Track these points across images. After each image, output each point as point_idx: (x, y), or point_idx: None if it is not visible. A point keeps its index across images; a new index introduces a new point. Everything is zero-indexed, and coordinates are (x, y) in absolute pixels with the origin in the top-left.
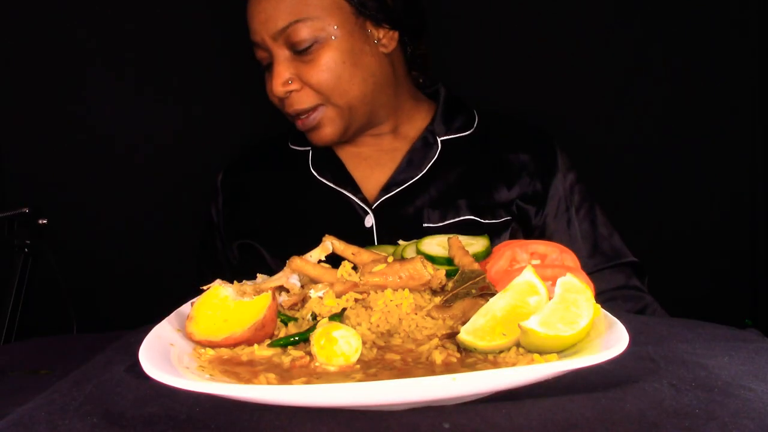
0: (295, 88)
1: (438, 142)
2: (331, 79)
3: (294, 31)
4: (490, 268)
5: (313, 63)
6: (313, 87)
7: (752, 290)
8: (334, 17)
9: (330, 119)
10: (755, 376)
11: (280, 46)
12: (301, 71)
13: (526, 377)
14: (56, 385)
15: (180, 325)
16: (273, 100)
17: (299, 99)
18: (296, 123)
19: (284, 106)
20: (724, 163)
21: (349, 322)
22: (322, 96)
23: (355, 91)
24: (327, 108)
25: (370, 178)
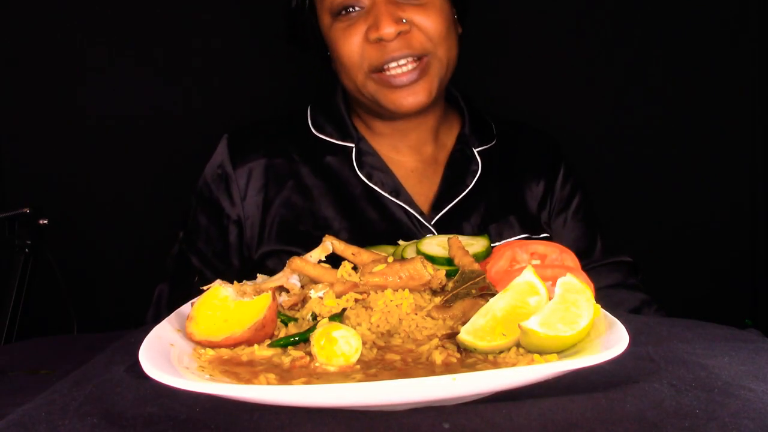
0: (406, 28)
1: (475, 155)
2: (443, 26)
3: None
4: (490, 269)
5: (426, 6)
6: (426, 30)
7: (752, 290)
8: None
9: (432, 77)
10: (755, 376)
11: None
12: (412, 14)
13: (526, 377)
14: (56, 385)
15: (180, 325)
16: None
17: (409, 41)
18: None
19: (385, 53)
20: (725, 163)
21: (349, 322)
22: (430, 44)
23: (454, 51)
24: (432, 60)
25: (419, 191)
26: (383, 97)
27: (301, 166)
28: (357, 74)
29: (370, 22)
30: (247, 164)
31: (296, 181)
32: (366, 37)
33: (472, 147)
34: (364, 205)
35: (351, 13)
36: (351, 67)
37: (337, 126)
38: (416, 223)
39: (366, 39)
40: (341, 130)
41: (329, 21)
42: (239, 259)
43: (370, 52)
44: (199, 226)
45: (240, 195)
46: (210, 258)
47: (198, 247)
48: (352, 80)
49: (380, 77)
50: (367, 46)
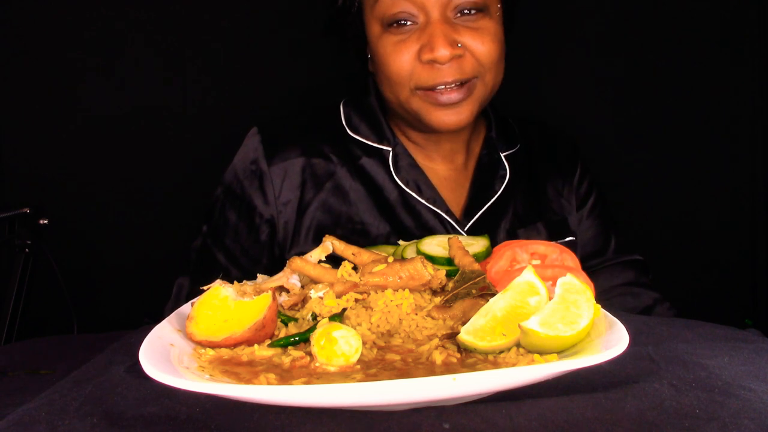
0: (460, 53)
1: (503, 159)
2: (496, 51)
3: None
4: (491, 269)
5: (481, 30)
6: (479, 56)
7: (752, 290)
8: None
9: (476, 99)
10: (755, 376)
11: (444, 4)
12: (466, 37)
13: (526, 377)
14: (56, 385)
15: (180, 326)
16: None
17: (461, 66)
18: (438, 95)
19: (437, 75)
20: (725, 163)
21: (350, 322)
22: (481, 68)
23: (501, 76)
24: (479, 83)
25: (451, 198)
26: (427, 114)
27: (339, 167)
28: (402, 90)
29: (424, 40)
30: (284, 162)
31: (334, 182)
32: (418, 56)
33: (500, 152)
34: (400, 210)
35: (404, 26)
36: (398, 83)
37: (374, 127)
38: (450, 231)
39: (418, 57)
40: (378, 133)
41: (379, 30)
42: (269, 259)
43: (421, 71)
44: (228, 223)
45: (275, 194)
46: (237, 256)
47: (225, 243)
48: (395, 94)
49: (426, 95)
50: (418, 64)
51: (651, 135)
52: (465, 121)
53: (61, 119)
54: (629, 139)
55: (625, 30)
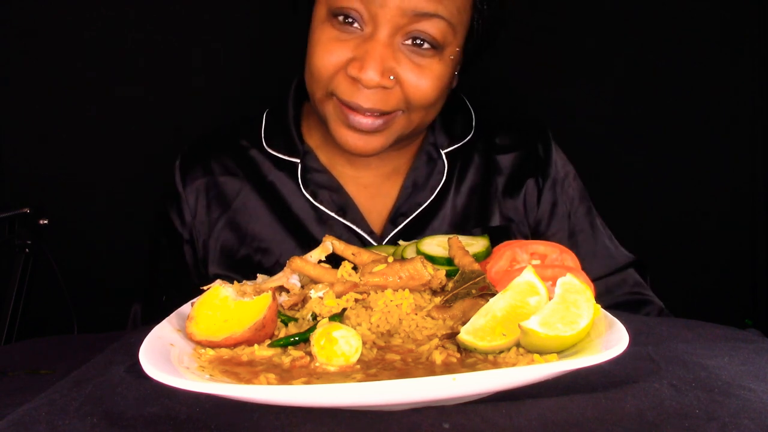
0: (390, 85)
1: (443, 157)
2: (433, 94)
3: (432, 25)
4: (490, 269)
5: (424, 69)
6: (411, 94)
7: (752, 290)
8: (462, 31)
9: (394, 130)
10: (755, 376)
11: (397, 25)
12: (405, 69)
13: (526, 377)
14: (56, 385)
15: (180, 326)
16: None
17: (385, 99)
18: (350, 115)
19: (354, 95)
20: (725, 163)
21: (349, 322)
22: (406, 106)
23: (431, 115)
24: (401, 117)
25: (372, 207)
26: (334, 126)
27: (246, 185)
28: (319, 89)
29: (359, 53)
30: (195, 183)
31: (241, 200)
32: (346, 63)
33: (440, 149)
34: (311, 225)
35: (348, 24)
36: (317, 80)
37: (285, 138)
38: (367, 244)
39: (345, 65)
40: (288, 144)
41: (323, 15)
42: (198, 278)
43: (342, 81)
44: (159, 246)
45: (191, 214)
46: (172, 277)
47: (161, 266)
48: (312, 89)
49: (341, 107)
50: (343, 72)
51: (651, 135)
52: (373, 151)
53: (61, 119)
54: (629, 139)
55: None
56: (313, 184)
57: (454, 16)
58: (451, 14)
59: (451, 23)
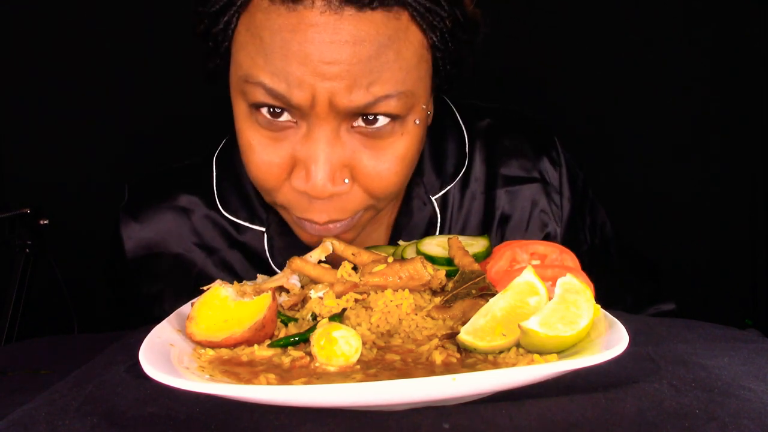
0: (345, 189)
1: (433, 203)
2: (399, 180)
3: (384, 105)
4: (490, 269)
5: (385, 152)
6: (374, 188)
7: (752, 290)
8: (425, 85)
9: (360, 224)
10: (755, 376)
11: (338, 119)
12: (360, 157)
13: (526, 377)
14: (56, 385)
15: (180, 326)
16: (264, 182)
17: (342, 205)
18: (307, 226)
19: (307, 210)
20: (725, 163)
21: (349, 322)
22: (372, 201)
23: (402, 187)
24: (365, 213)
25: None
26: (297, 232)
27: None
28: (268, 197)
29: (301, 155)
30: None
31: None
32: (289, 170)
33: (429, 194)
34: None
35: (276, 116)
36: (261, 189)
37: (243, 201)
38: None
39: (288, 171)
40: (248, 209)
41: (244, 108)
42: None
43: (289, 193)
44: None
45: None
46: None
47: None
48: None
49: (296, 219)
50: (288, 183)
51: (650, 135)
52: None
53: (61, 119)
54: (628, 140)
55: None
56: (280, 252)
57: (407, 82)
58: (403, 83)
59: (406, 91)
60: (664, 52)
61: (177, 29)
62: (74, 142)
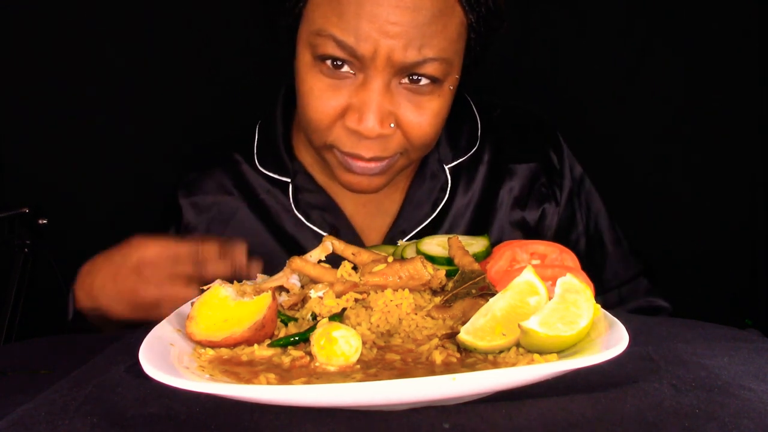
0: (391, 133)
1: (446, 172)
2: (433, 132)
3: (429, 67)
4: (490, 268)
5: (424, 108)
6: (412, 136)
7: (752, 290)
8: (460, 58)
9: (394, 170)
10: (755, 376)
11: (391, 74)
12: (405, 110)
13: (526, 377)
14: (56, 385)
15: (180, 325)
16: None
17: (385, 145)
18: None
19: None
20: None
21: (349, 322)
22: (408, 146)
23: (431, 147)
24: (400, 158)
25: (371, 224)
26: (337, 171)
27: (241, 205)
28: (317, 139)
29: (355, 102)
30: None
31: (237, 221)
32: (343, 112)
33: (443, 163)
34: (307, 243)
35: (338, 68)
36: (314, 129)
37: (275, 157)
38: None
39: (342, 114)
40: (278, 163)
41: (309, 59)
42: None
43: (341, 132)
44: None
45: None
46: None
47: None
48: (309, 137)
49: (342, 157)
50: (340, 124)
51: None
52: (376, 189)
53: (61, 119)
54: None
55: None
56: (305, 204)
57: (448, 51)
58: (445, 50)
59: (447, 59)
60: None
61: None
62: (74, 142)
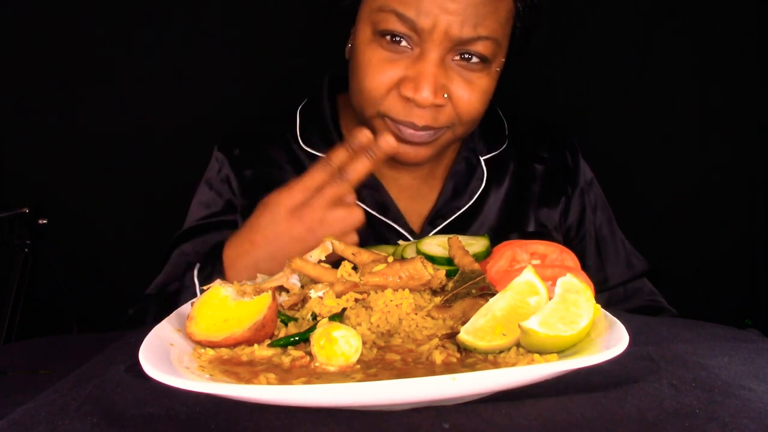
0: (443, 103)
1: (482, 164)
2: (481, 108)
3: (480, 45)
4: (490, 268)
5: (474, 84)
6: (461, 111)
7: (752, 290)
8: (506, 42)
9: (439, 145)
10: (755, 376)
11: (446, 48)
12: (456, 85)
13: (526, 377)
14: (56, 385)
15: (180, 325)
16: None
17: (436, 116)
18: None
19: (409, 114)
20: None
21: (349, 322)
22: (456, 120)
23: (474, 127)
24: (448, 131)
25: (411, 208)
26: None
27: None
28: (369, 108)
29: (411, 73)
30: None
31: None
32: (398, 84)
33: (479, 155)
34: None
35: (397, 44)
36: (368, 100)
37: (324, 138)
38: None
39: (397, 85)
40: (328, 143)
41: (369, 35)
42: None
43: (394, 101)
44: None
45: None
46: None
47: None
48: (361, 107)
49: (391, 124)
50: (395, 93)
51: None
52: (422, 160)
53: (61, 119)
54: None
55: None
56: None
57: (498, 32)
58: (496, 31)
59: (497, 40)
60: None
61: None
62: (74, 142)
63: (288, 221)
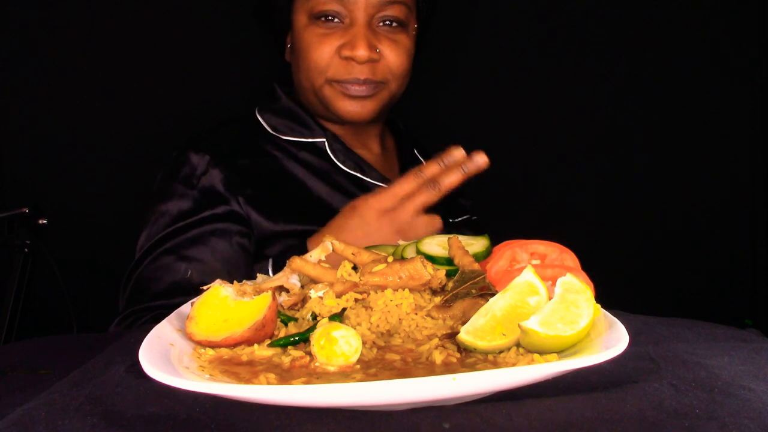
0: (377, 57)
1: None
2: (406, 64)
3: (396, 9)
4: (490, 268)
5: (398, 43)
6: (392, 64)
7: (752, 290)
8: (415, 11)
9: (380, 99)
10: (755, 376)
11: (370, 14)
12: (384, 45)
13: (526, 377)
14: (56, 385)
15: (180, 325)
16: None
17: (374, 69)
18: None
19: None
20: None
21: (349, 322)
22: (390, 76)
23: (404, 88)
24: (385, 88)
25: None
26: (335, 102)
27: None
28: (318, 78)
29: (346, 39)
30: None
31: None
32: (338, 51)
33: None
34: (353, 190)
35: (330, 22)
36: (315, 71)
37: (301, 125)
38: None
39: (337, 52)
40: (307, 128)
41: (305, 21)
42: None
43: (338, 65)
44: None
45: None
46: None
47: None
48: (311, 81)
49: (338, 85)
50: (337, 58)
51: (650, 135)
52: (368, 114)
53: (61, 119)
54: (629, 139)
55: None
56: (343, 156)
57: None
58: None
59: (407, 4)
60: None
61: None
62: (74, 142)
63: (378, 222)
